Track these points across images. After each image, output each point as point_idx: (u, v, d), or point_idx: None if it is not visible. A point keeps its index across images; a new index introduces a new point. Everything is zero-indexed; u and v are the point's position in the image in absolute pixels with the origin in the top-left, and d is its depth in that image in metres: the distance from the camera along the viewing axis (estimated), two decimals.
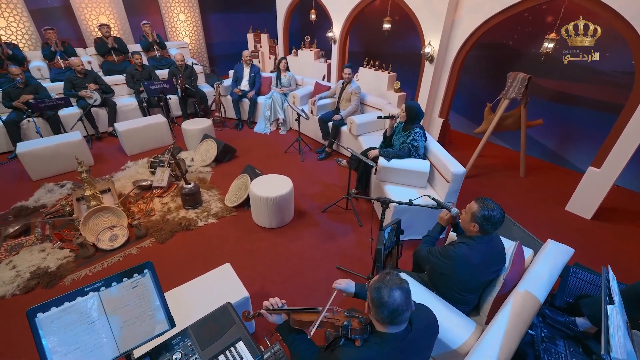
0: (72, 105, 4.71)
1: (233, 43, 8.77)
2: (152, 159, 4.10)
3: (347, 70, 4.46)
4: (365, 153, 3.54)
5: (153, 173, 4.05)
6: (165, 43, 6.73)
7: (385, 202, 2.12)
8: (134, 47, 6.48)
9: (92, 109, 5.06)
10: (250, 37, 7.86)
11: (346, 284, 1.56)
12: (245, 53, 5.51)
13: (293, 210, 3.43)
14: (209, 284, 2.06)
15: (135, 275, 1.47)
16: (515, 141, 4.98)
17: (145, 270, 1.50)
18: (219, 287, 2.03)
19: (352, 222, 3.41)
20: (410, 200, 2.06)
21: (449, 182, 2.82)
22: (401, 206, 2.88)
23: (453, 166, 2.79)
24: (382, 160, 3.15)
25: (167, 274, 2.73)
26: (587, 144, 4.32)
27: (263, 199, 3.07)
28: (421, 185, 3.15)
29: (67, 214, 3.25)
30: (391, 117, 3.40)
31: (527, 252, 2.04)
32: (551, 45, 3.44)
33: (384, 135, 3.60)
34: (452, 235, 2.54)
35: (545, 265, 1.79)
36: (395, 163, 3.12)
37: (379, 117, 3.49)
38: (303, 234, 3.22)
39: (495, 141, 5.24)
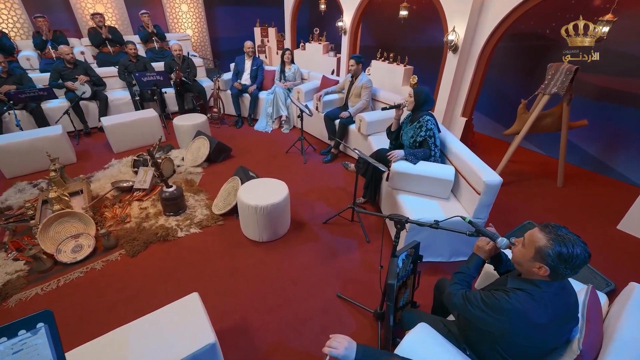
0: (56, 97, 4.33)
1: (240, 38, 8.36)
2: (136, 158, 3.67)
3: (350, 62, 3.93)
4: (376, 155, 3.01)
5: (136, 173, 3.61)
6: (166, 35, 6.36)
7: (400, 222, 1.59)
8: (132, 38, 6.13)
9: (82, 103, 4.69)
10: (257, 31, 7.44)
11: (344, 350, 1.05)
12: (248, 44, 5.05)
13: (289, 221, 2.93)
14: (165, 322, 1.57)
15: (22, 332, 0.98)
16: (549, 145, 4.36)
17: (40, 325, 1.01)
18: (177, 329, 1.53)
19: (358, 236, 2.88)
20: (436, 222, 1.52)
21: (479, 194, 2.25)
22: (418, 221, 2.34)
23: (486, 174, 2.23)
24: (396, 164, 2.60)
25: (127, 298, 2.25)
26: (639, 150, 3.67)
27: (252, 207, 2.57)
28: (443, 195, 2.59)
29: (29, 218, 2.83)
30: (397, 106, 2.87)
31: (600, 297, 1.47)
32: (606, 29, 2.85)
33: (388, 131, 3.06)
34: (487, 267, 1.98)
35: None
36: (412, 168, 2.57)
37: (383, 109, 2.96)
38: (299, 250, 2.71)
39: (525, 145, 4.61)
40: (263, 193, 2.69)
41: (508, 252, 1.49)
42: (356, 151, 2.70)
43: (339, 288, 2.36)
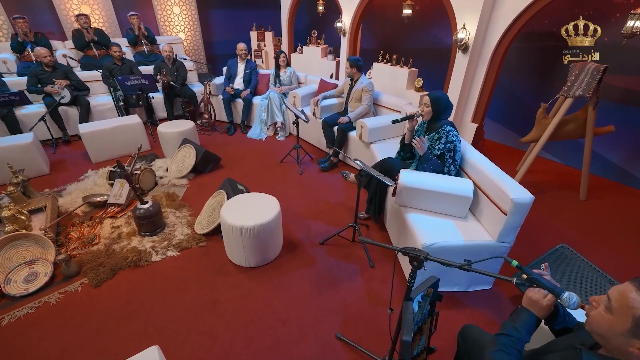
0: (30, 102, 3.98)
1: (235, 41, 8.06)
2: (112, 169, 3.30)
3: (346, 64, 3.59)
4: (380, 166, 2.65)
5: (112, 186, 3.24)
6: (156, 38, 6.06)
7: (418, 260, 1.22)
8: (120, 41, 5.82)
9: (61, 108, 4.35)
10: (253, 35, 7.15)
11: None
12: (240, 46, 4.73)
13: (281, 242, 2.55)
14: None
15: None
16: (565, 152, 4.01)
17: None
18: None
19: (361, 260, 2.50)
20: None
21: (505, 214, 1.88)
22: (432, 246, 1.96)
23: (513, 190, 1.86)
24: (405, 177, 2.23)
25: (82, 341, 1.86)
26: None
27: (236, 229, 2.19)
28: (460, 214, 2.22)
29: None
30: (410, 117, 2.52)
31: None
32: (639, 23, 2.52)
33: (402, 143, 2.72)
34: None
35: None
36: (424, 182, 2.21)
37: (394, 121, 2.62)
38: (292, 278, 2.32)
39: (540, 152, 4.25)
40: (250, 211, 2.32)
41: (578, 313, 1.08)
42: (357, 162, 2.34)
43: (338, 327, 1.97)
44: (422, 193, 2.21)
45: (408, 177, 2.24)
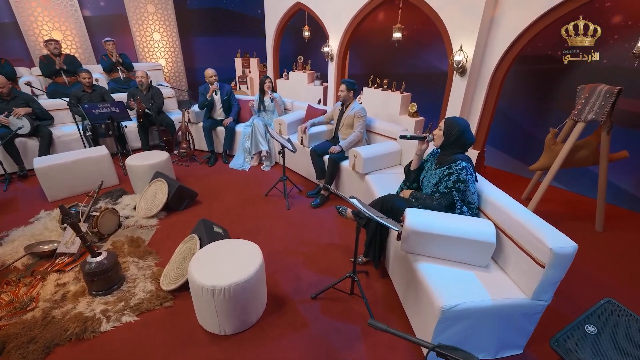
0: None
1: (220, 69, 7.88)
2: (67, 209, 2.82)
3: (341, 87, 3.32)
4: (381, 204, 2.28)
5: (65, 230, 2.75)
6: (135, 64, 5.75)
7: None
8: (95, 68, 5.48)
9: (19, 140, 3.90)
10: (238, 61, 6.98)
11: None
12: (209, 72, 4.34)
13: (264, 299, 2.10)
14: None
15: None
16: (572, 179, 3.76)
17: None
18: None
19: (362, 318, 2.06)
20: None
21: (542, 267, 1.52)
22: (454, 309, 1.56)
23: (552, 237, 1.51)
24: (412, 218, 1.86)
25: None
26: None
27: (207, 290, 1.75)
28: (480, 263, 1.84)
29: None
30: (421, 137, 2.20)
31: None
32: None
33: (407, 169, 2.37)
34: None
35: None
36: (436, 224, 1.84)
37: (402, 137, 2.29)
38: (278, 349, 1.86)
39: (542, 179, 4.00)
40: (226, 264, 1.88)
41: None
42: (353, 201, 1.94)
43: None
44: (434, 238, 1.83)
45: (416, 218, 1.87)
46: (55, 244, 2.59)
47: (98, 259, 2.13)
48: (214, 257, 1.96)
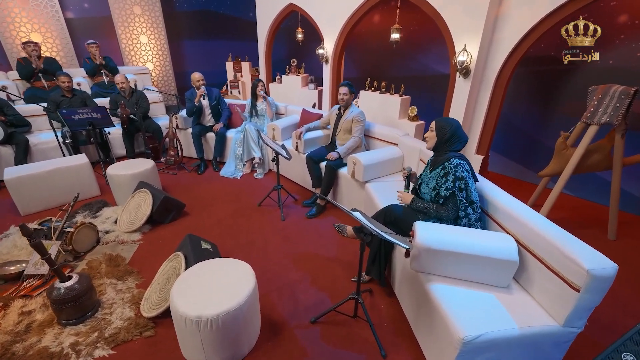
0: None
1: (210, 72, 7.65)
2: (37, 226, 2.56)
3: (342, 90, 3.12)
4: (384, 216, 2.07)
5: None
6: (120, 68, 5.49)
7: None
8: (77, 71, 5.21)
9: None
10: (229, 65, 6.76)
11: None
12: (195, 76, 4.10)
13: (258, 326, 1.87)
14: None
15: None
16: (578, 184, 3.61)
17: None
18: None
19: (368, 345, 1.85)
20: None
21: (578, 291, 1.32)
22: (477, 340, 1.36)
23: (588, 257, 1.32)
24: (423, 234, 1.66)
25: None
26: None
27: (192, 321, 1.51)
28: (501, 284, 1.65)
29: None
30: (408, 176, 2.19)
31: None
32: None
33: (407, 188, 2.20)
34: None
35: None
36: (450, 240, 1.64)
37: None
38: None
39: (550, 185, 3.86)
40: (214, 289, 1.65)
41: None
42: (356, 215, 1.72)
43: None
44: (449, 256, 1.63)
45: (428, 234, 1.66)
46: (24, 265, 2.32)
47: (68, 284, 1.87)
48: (200, 280, 1.72)
